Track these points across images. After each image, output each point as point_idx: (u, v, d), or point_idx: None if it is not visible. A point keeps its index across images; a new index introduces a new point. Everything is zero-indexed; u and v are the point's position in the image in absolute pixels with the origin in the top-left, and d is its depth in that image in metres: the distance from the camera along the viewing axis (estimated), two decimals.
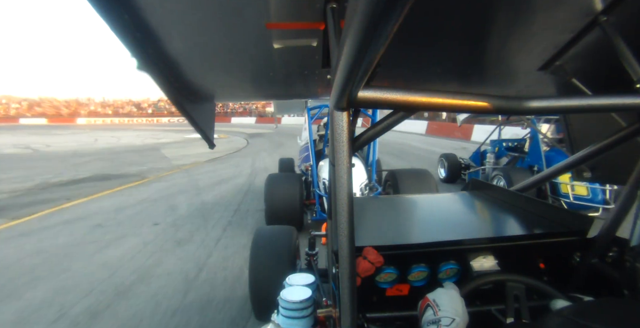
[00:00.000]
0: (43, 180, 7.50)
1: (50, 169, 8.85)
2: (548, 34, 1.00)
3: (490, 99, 0.72)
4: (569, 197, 4.43)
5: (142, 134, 22.77)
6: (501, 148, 5.79)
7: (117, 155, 11.96)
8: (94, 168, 9.08)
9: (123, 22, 0.84)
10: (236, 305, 2.49)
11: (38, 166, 9.48)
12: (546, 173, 1.49)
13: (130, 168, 9.03)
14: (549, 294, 0.96)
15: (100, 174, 8.17)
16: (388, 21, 0.43)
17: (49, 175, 8.04)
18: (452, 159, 6.54)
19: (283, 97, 2.70)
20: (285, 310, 1.04)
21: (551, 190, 4.58)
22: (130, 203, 5.51)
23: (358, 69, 0.56)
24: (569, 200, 4.41)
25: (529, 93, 1.49)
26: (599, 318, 0.57)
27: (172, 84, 1.30)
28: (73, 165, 9.62)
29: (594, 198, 4.32)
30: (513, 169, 4.93)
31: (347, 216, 0.74)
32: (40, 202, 5.67)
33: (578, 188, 4.39)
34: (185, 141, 16.68)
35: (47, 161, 10.49)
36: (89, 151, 13.16)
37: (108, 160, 10.51)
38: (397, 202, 1.80)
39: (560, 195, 4.50)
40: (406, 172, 4.16)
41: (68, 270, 3.19)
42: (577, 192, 4.41)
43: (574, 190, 4.40)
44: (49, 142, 17.11)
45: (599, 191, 4.29)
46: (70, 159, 10.76)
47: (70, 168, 8.99)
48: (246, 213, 4.75)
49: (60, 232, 4.24)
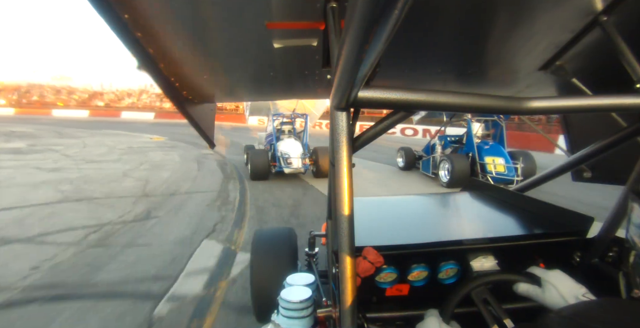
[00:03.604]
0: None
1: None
2: (548, 33, 1.00)
3: (491, 99, 0.72)
4: (492, 174, 6.25)
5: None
6: (446, 141, 7.70)
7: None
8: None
9: (123, 22, 0.85)
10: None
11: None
12: (546, 173, 1.49)
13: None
14: (510, 281, 0.95)
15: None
16: (388, 21, 0.43)
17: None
18: (408, 151, 8.29)
19: (283, 97, 2.70)
20: (285, 310, 1.04)
21: (481, 169, 6.41)
22: None
23: (358, 69, 0.56)
24: (492, 176, 6.23)
25: (530, 93, 1.49)
26: (599, 318, 0.57)
27: (172, 84, 1.30)
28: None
29: (509, 174, 6.16)
30: (455, 156, 6.67)
31: (347, 216, 0.74)
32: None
33: (498, 166, 6.33)
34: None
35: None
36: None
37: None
38: (397, 202, 1.80)
39: (487, 172, 6.32)
40: (321, 148, 7.16)
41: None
42: (498, 170, 6.29)
43: (495, 168, 6.31)
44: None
45: (512, 168, 6.18)
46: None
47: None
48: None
49: None
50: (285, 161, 6.84)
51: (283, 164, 6.82)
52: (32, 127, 17.78)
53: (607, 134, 1.13)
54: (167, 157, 9.59)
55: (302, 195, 5.82)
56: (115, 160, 8.75)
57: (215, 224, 4.15)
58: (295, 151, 6.96)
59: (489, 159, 6.43)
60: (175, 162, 8.89)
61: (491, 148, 6.66)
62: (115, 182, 6.32)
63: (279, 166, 6.86)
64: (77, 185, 5.98)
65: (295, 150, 6.99)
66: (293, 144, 7.18)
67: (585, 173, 1.59)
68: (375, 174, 7.91)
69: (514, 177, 6.06)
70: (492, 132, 7.19)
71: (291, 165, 6.80)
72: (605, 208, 1.17)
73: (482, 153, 6.59)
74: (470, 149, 6.82)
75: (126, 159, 8.98)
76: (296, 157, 6.86)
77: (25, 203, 4.80)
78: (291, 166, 6.80)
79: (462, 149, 7.17)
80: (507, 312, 0.90)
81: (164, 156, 9.68)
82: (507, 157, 6.47)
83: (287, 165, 6.80)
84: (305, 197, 5.70)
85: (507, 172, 6.22)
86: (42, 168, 7.40)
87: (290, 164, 6.81)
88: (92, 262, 3.09)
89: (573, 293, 0.85)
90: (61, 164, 7.95)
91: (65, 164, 7.96)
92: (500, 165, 6.32)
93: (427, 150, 8.12)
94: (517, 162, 6.21)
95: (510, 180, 6.03)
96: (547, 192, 4.61)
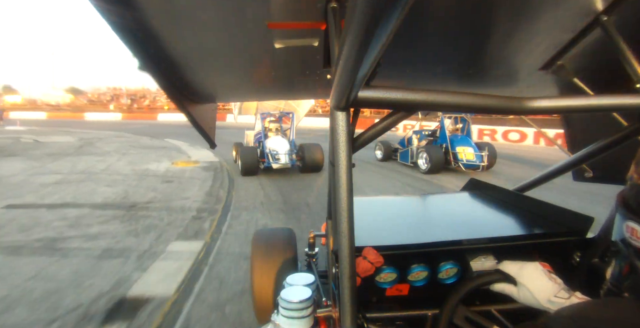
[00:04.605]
0: None
1: None
2: (549, 33, 0.99)
3: (491, 99, 0.72)
4: (463, 161, 7.54)
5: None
6: (422, 135, 8.87)
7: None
8: None
9: (124, 22, 0.85)
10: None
11: None
12: (546, 173, 1.49)
13: None
14: (485, 283, 0.96)
15: None
16: (388, 21, 0.43)
17: None
18: (385, 144, 9.38)
19: (284, 97, 2.70)
20: (285, 310, 1.04)
21: (453, 157, 7.70)
22: None
23: (358, 69, 0.56)
24: (463, 163, 7.54)
25: (530, 93, 1.49)
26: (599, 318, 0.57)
27: (174, 84, 1.30)
28: None
29: (477, 161, 7.51)
30: (431, 147, 7.93)
31: (347, 216, 0.74)
32: None
33: (468, 155, 7.60)
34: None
35: None
36: None
37: None
38: (397, 202, 1.80)
39: (458, 159, 7.61)
40: (307, 145, 7.72)
41: None
42: (468, 158, 7.57)
43: (466, 156, 7.58)
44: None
45: (479, 156, 7.54)
46: None
47: None
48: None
49: None
50: (274, 157, 7.32)
51: (271, 159, 7.29)
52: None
53: (608, 133, 1.13)
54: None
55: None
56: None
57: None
58: (283, 148, 7.47)
59: (459, 148, 7.73)
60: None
61: (461, 139, 7.98)
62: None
63: (267, 162, 7.32)
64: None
65: (282, 147, 7.51)
66: (280, 141, 7.69)
67: (586, 173, 1.59)
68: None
69: (480, 163, 7.49)
70: (460, 126, 8.50)
71: (279, 161, 7.29)
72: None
73: (454, 144, 7.86)
74: (443, 141, 8.11)
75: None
76: (283, 153, 7.38)
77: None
78: (279, 162, 7.28)
79: (436, 141, 8.42)
80: (505, 312, 0.90)
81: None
82: (475, 147, 7.77)
83: (275, 161, 7.29)
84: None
85: (475, 159, 7.53)
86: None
87: (278, 160, 7.30)
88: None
89: (545, 293, 0.83)
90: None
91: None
92: (469, 153, 7.64)
93: (402, 143, 9.26)
94: (483, 151, 7.54)
95: (477, 166, 7.52)
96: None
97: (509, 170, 8.17)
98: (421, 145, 8.56)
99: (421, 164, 7.84)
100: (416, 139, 8.75)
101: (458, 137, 8.08)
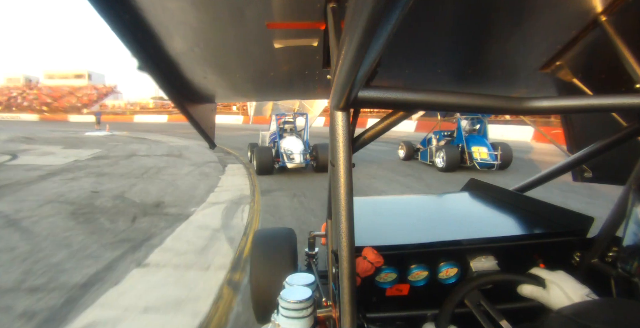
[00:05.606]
0: None
1: None
2: (549, 33, 0.99)
3: (491, 99, 0.72)
4: (478, 160, 8.02)
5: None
6: (441, 135, 9.31)
7: None
8: None
9: (123, 22, 0.84)
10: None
11: None
12: (546, 173, 1.49)
13: None
14: (513, 281, 0.95)
15: None
16: (388, 21, 0.43)
17: None
18: (408, 144, 10.02)
19: (283, 97, 2.70)
20: (285, 310, 1.04)
21: (469, 157, 8.18)
22: None
23: (358, 69, 0.56)
24: (478, 161, 8.01)
25: (530, 93, 1.49)
26: (599, 318, 0.57)
27: (173, 84, 1.30)
28: None
29: (491, 160, 7.99)
30: (448, 146, 8.47)
31: (347, 216, 0.74)
32: None
33: (482, 154, 8.08)
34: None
35: None
36: None
37: None
38: (397, 202, 1.80)
39: (473, 159, 8.10)
40: (321, 145, 7.91)
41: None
42: (482, 157, 8.05)
43: (480, 156, 8.08)
44: None
45: (493, 155, 8.01)
46: None
47: None
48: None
49: None
50: (288, 157, 7.59)
51: (286, 159, 7.57)
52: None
53: (607, 134, 1.13)
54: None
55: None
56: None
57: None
58: (297, 148, 7.70)
59: (474, 148, 8.22)
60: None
61: (476, 139, 8.45)
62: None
63: (282, 162, 7.63)
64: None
65: (296, 147, 7.76)
66: (295, 141, 7.89)
67: (585, 173, 1.59)
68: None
69: (495, 161, 7.97)
70: (477, 127, 9.00)
71: (293, 160, 7.56)
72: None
73: (469, 144, 8.32)
74: (459, 141, 8.60)
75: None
76: (298, 153, 7.62)
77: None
78: (293, 161, 7.55)
79: (453, 141, 8.91)
80: (505, 312, 0.90)
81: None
82: (489, 146, 8.22)
83: (290, 160, 7.57)
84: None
85: (489, 158, 8.04)
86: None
87: (293, 160, 7.57)
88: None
89: (578, 293, 0.85)
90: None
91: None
92: (483, 152, 8.14)
93: (424, 143, 9.71)
94: (497, 150, 8.00)
95: (492, 165, 8.00)
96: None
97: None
98: (440, 145, 9.00)
99: (438, 163, 8.35)
100: (435, 139, 9.25)
101: (474, 137, 8.58)
